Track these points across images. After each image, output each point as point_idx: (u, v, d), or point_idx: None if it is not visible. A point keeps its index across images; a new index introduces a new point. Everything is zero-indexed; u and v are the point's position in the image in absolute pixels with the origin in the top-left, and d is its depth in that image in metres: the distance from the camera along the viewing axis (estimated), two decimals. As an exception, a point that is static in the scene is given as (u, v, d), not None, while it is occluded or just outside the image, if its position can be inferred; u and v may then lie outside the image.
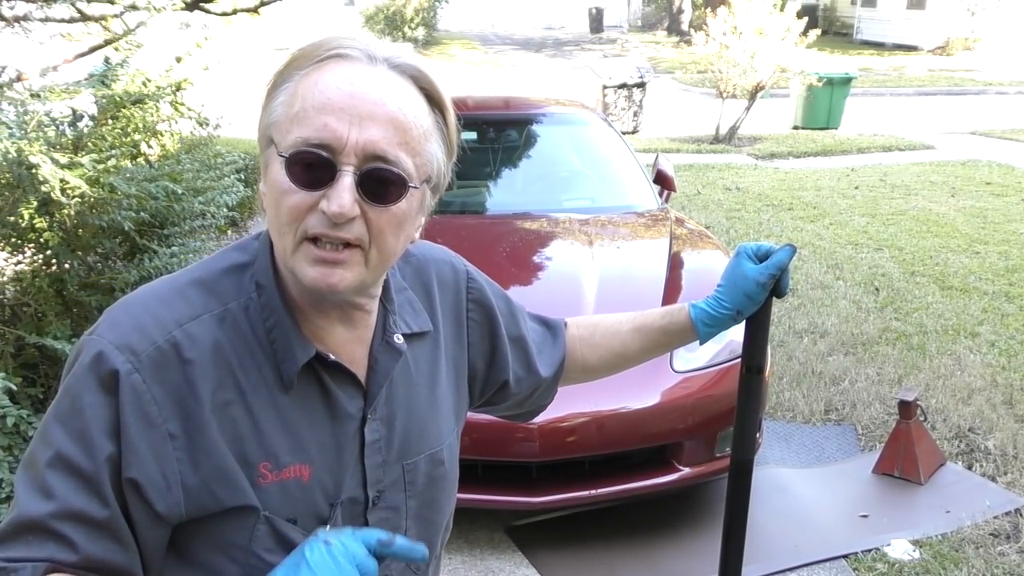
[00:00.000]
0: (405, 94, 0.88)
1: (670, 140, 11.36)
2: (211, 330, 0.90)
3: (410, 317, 1.04)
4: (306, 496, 0.92)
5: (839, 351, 4.60)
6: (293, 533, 0.91)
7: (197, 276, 0.95)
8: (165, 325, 0.88)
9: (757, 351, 1.27)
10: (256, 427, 0.90)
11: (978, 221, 7.37)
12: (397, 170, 0.86)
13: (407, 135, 0.87)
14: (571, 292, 3.27)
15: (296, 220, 0.86)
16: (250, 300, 0.93)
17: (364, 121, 0.85)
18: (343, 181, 0.84)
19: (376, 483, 0.98)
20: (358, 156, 0.84)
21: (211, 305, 0.92)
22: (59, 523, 0.83)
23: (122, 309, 0.91)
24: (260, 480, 0.90)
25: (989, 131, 12.45)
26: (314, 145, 0.84)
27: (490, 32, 29.94)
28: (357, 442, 0.96)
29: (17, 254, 3.17)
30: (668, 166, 4.81)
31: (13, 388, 2.54)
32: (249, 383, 0.90)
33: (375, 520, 0.98)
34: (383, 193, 0.86)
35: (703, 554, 2.86)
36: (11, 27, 4.28)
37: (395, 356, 1.00)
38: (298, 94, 0.87)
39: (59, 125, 3.27)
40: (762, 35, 10.14)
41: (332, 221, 0.84)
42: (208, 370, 0.89)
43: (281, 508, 0.91)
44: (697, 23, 19.80)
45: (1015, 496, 3.27)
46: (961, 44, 22.39)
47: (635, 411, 2.90)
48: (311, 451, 0.93)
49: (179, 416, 0.87)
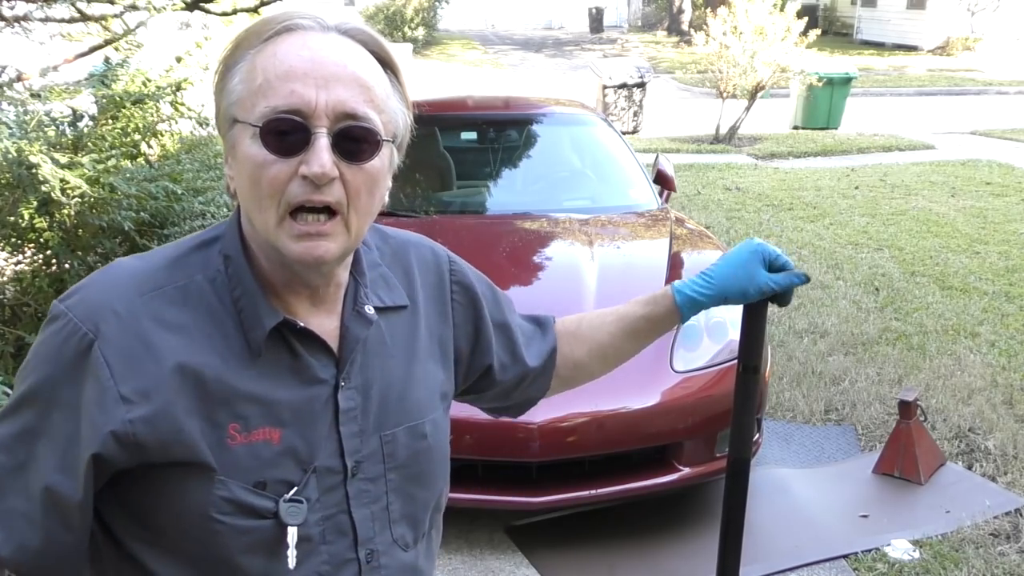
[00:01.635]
0: (361, 56, 0.91)
1: (670, 140, 11.35)
2: (175, 300, 0.92)
3: (384, 292, 1.04)
4: (275, 459, 0.92)
5: (839, 351, 4.60)
6: (252, 497, 0.90)
7: (166, 252, 0.97)
8: (128, 295, 0.90)
9: (753, 350, 1.27)
10: (224, 391, 0.90)
11: (978, 221, 7.37)
12: (369, 126, 0.88)
13: (371, 93, 0.89)
14: (571, 292, 3.27)
15: (277, 191, 0.86)
16: (217, 273, 0.94)
17: (329, 83, 0.86)
18: (319, 142, 0.85)
19: (354, 453, 0.97)
20: (329, 117, 0.86)
21: (176, 277, 0.93)
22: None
23: (90, 279, 0.94)
24: (229, 441, 0.90)
25: (989, 131, 12.44)
26: (284, 111, 0.85)
27: (490, 32, 29.93)
28: (331, 409, 0.96)
29: (17, 254, 3.17)
30: (668, 166, 4.81)
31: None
32: (215, 351, 0.91)
33: (355, 491, 0.97)
34: (358, 151, 0.88)
35: (703, 554, 2.85)
36: (11, 27, 4.28)
37: (365, 324, 0.99)
38: (256, 68, 0.87)
39: (59, 125, 3.27)
40: (762, 35, 10.14)
41: (314, 183, 0.86)
42: (170, 338, 0.89)
43: (249, 471, 0.90)
44: (697, 23, 19.80)
45: (1015, 496, 3.27)
46: (961, 44, 22.38)
47: (635, 411, 2.90)
48: (282, 415, 0.93)
49: (132, 377, 0.87)
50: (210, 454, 0.89)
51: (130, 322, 0.89)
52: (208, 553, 0.92)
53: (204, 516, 0.90)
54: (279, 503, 0.91)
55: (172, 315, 0.91)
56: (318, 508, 0.94)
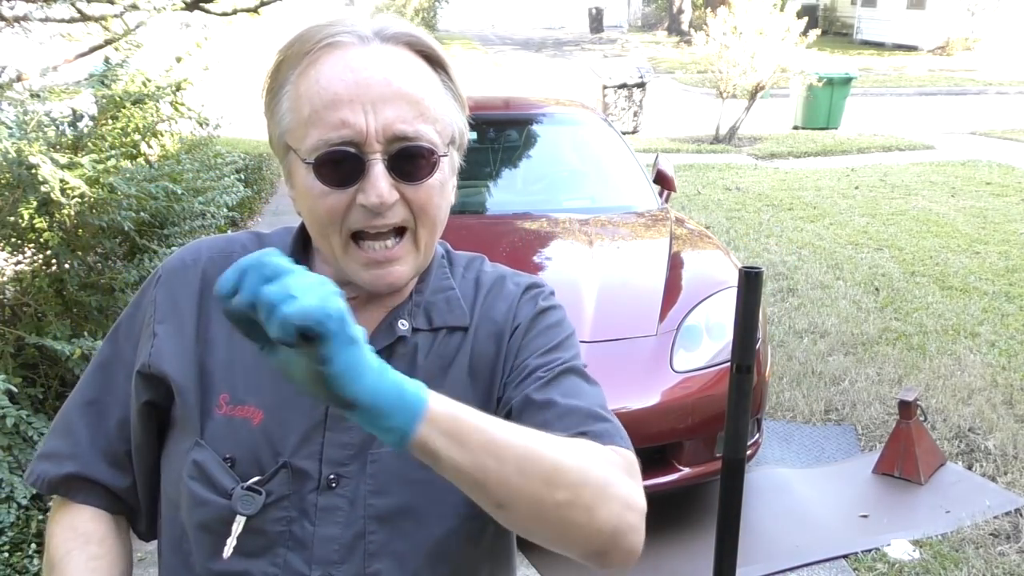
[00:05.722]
0: (406, 64, 0.87)
1: (670, 140, 11.36)
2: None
3: (438, 314, 0.97)
4: (250, 440, 0.90)
5: (839, 351, 4.60)
6: (217, 470, 0.89)
7: (263, 231, 1.04)
8: (201, 251, 0.99)
9: (746, 351, 1.28)
10: (230, 358, 0.92)
11: (978, 221, 7.36)
12: (423, 143, 0.85)
13: (421, 106, 0.86)
14: (571, 292, 3.27)
15: (336, 220, 0.86)
16: (284, 249, 0.94)
17: (377, 105, 0.83)
18: (375, 170, 0.83)
19: (335, 464, 0.90)
20: (381, 142, 0.83)
21: (250, 248, 0.96)
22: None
23: (196, 240, 1.05)
24: (216, 409, 0.91)
25: (989, 131, 12.45)
26: (336, 144, 0.83)
27: (490, 32, 29.93)
28: (321, 410, 0.91)
29: (17, 254, 3.17)
30: (668, 166, 4.81)
31: (13, 389, 2.54)
32: None
33: (326, 504, 0.89)
34: (415, 170, 0.86)
35: (703, 554, 2.85)
36: (11, 27, 4.28)
37: (389, 336, 0.94)
38: (301, 96, 0.85)
39: (59, 125, 3.27)
40: (762, 35, 10.14)
41: (374, 212, 0.84)
42: (210, 295, 0.94)
43: (223, 443, 0.90)
44: (697, 23, 19.80)
45: (1015, 496, 3.27)
46: (961, 44, 22.39)
47: (635, 411, 2.90)
48: (269, 399, 0.91)
49: (169, 319, 0.95)
50: (198, 414, 0.91)
51: (189, 274, 0.97)
52: (178, 514, 0.93)
53: (179, 473, 0.92)
54: (237, 486, 0.88)
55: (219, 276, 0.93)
56: (283, 507, 0.89)
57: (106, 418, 0.97)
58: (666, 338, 3.09)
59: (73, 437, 0.97)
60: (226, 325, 0.88)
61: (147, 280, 1.01)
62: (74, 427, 0.98)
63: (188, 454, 0.91)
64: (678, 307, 3.22)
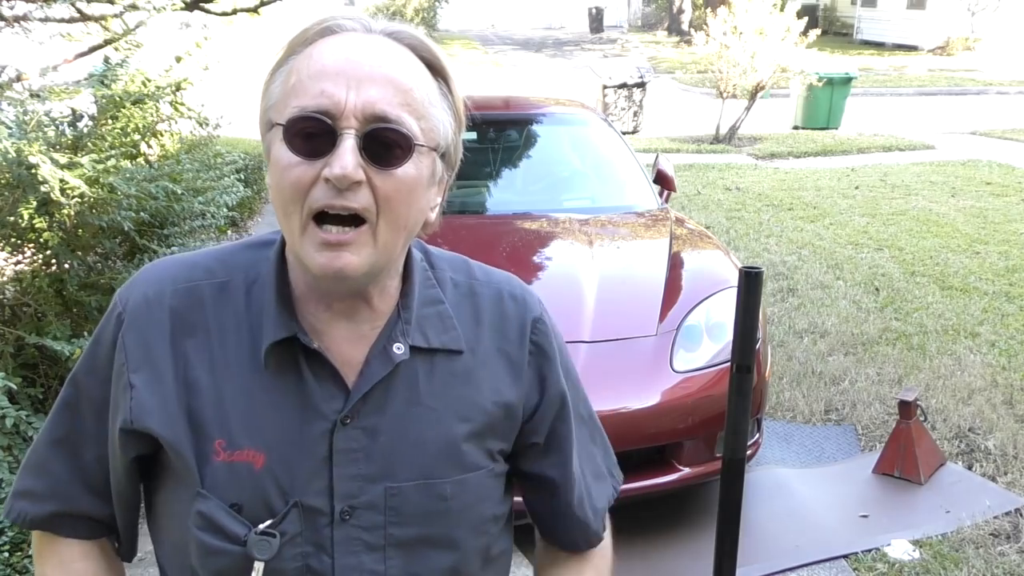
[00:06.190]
0: (404, 59, 0.86)
1: (670, 140, 11.35)
2: (203, 296, 0.92)
3: (433, 332, 0.95)
4: (255, 485, 0.88)
5: (839, 351, 4.60)
6: (226, 519, 0.87)
7: (223, 248, 0.98)
8: (162, 283, 0.93)
9: (746, 351, 1.28)
10: (220, 402, 0.89)
11: (978, 221, 7.36)
12: (401, 129, 0.82)
13: (408, 95, 0.84)
14: (571, 292, 3.27)
15: (300, 194, 0.82)
16: (259, 276, 0.92)
17: (362, 83, 0.81)
18: (344, 144, 0.80)
19: (347, 497, 0.89)
20: (358, 119, 0.81)
21: (217, 274, 0.93)
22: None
23: (145, 267, 0.98)
24: (214, 456, 0.88)
25: (989, 131, 12.44)
26: (312, 111, 0.81)
27: (490, 32, 29.92)
28: (326, 445, 0.89)
29: (17, 254, 3.17)
30: (668, 166, 4.81)
31: (13, 388, 2.54)
32: (224, 356, 0.90)
33: (343, 537, 0.89)
34: (387, 155, 0.82)
35: (703, 554, 2.84)
36: (11, 27, 4.28)
37: (387, 364, 0.90)
38: (294, 70, 0.85)
39: (59, 125, 3.27)
40: (762, 35, 10.14)
41: (336, 187, 0.80)
42: (184, 339, 0.90)
43: (227, 490, 0.88)
44: (697, 23, 19.80)
45: (1015, 496, 3.27)
46: (961, 44, 22.38)
47: (635, 411, 2.90)
48: (269, 439, 0.88)
49: (144, 367, 0.90)
50: (194, 465, 0.88)
51: (156, 313, 0.91)
52: (185, 564, 0.91)
53: (184, 526, 0.89)
54: (250, 532, 0.87)
55: (195, 313, 0.91)
56: (298, 543, 0.88)
57: (79, 455, 0.95)
58: (666, 338, 3.08)
59: (50, 475, 0.96)
60: (208, 365, 0.89)
61: (105, 315, 0.95)
62: (49, 466, 0.97)
63: (190, 504, 0.88)
64: (678, 307, 3.22)
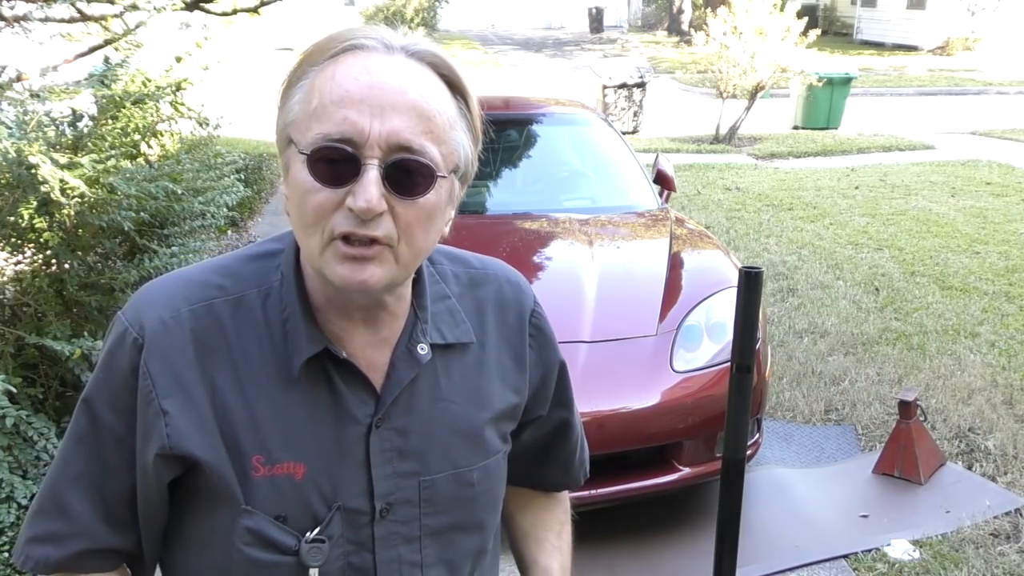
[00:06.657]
0: (426, 82, 0.85)
1: (670, 140, 11.35)
2: (220, 314, 0.91)
3: (447, 327, 0.99)
4: (298, 495, 0.90)
5: (839, 351, 4.60)
6: (275, 531, 0.89)
7: (224, 262, 0.96)
8: (175, 303, 0.90)
9: (746, 351, 1.28)
10: (253, 418, 0.89)
11: (978, 221, 7.36)
12: (424, 160, 0.83)
13: (431, 123, 0.84)
14: (571, 292, 3.27)
15: (321, 219, 0.83)
16: (271, 288, 0.92)
17: (386, 111, 0.81)
18: (368, 175, 0.81)
19: (386, 495, 0.93)
20: (382, 148, 0.81)
21: (229, 290, 0.92)
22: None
23: (146, 286, 0.95)
24: (253, 473, 0.89)
25: (989, 131, 12.45)
26: (335, 140, 0.81)
27: (490, 32, 29.92)
28: (362, 449, 0.92)
29: (17, 254, 3.16)
30: (668, 166, 4.81)
31: (13, 390, 2.54)
32: (251, 373, 0.90)
33: (383, 532, 0.94)
34: (410, 185, 0.83)
35: (703, 554, 2.85)
36: (11, 27, 4.28)
37: (415, 365, 0.94)
38: (315, 89, 0.84)
39: (59, 125, 3.26)
40: (762, 35, 10.14)
41: (359, 218, 0.81)
42: (208, 354, 0.89)
43: (270, 504, 0.89)
44: (697, 23, 19.80)
45: (1015, 496, 3.27)
46: (961, 44, 22.38)
47: (635, 411, 2.90)
48: (308, 450, 0.90)
49: (175, 393, 0.88)
50: (236, 484, 0.89)
51: (178, 338, 0.89)
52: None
53: (228, 543, 0.90)
54: (301, 542, 0.89)
55: (215, 332, 0.90)
56: (340, 544, 0.92)
57: (103, 489, 0.93)
58: (666, 338, 3.09)
59: (71, 515, 0.93)
60: (235, 383, 0.89)
61: (113, 341, 0.92)
62: (70, 506, 0.93)
63: (235, 522, 0.89)
64: (678, 307, 3.22)
